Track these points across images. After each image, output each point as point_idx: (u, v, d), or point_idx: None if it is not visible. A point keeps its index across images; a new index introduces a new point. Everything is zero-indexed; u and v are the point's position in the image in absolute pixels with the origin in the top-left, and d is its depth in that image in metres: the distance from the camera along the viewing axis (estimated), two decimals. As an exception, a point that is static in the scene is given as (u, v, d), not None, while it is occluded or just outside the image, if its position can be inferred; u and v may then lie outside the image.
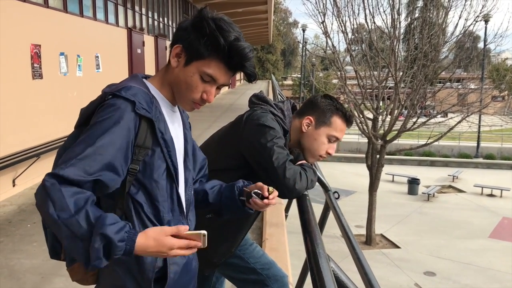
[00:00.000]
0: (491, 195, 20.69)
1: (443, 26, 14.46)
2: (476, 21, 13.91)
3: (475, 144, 28.46)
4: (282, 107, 2.14)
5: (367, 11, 14.10)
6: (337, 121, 2.09)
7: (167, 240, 1.22)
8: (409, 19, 17.32)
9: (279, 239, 4.24)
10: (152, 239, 1.21)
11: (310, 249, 1.36)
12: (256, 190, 1.56)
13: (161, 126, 1.36)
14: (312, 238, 1.45)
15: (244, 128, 2.02)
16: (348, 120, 2.12)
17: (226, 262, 2.22)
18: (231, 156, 2.05)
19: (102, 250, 1.16)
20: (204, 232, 1.25)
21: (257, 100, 2.15)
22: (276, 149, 1.93)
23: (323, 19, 14.40)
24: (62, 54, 7.30)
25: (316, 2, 14.40)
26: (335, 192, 3.10)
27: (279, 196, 2.13)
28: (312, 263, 1.26)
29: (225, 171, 1.96)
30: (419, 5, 17.73)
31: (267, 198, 1.54)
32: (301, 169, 2.01)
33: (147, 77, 1.47)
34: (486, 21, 23.20)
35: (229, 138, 2.10)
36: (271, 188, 1.56)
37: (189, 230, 1.26)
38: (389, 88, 15.62)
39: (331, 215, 3.05)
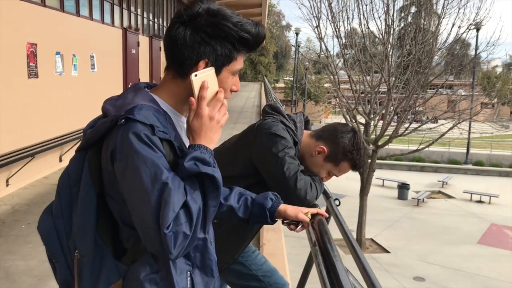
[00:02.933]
0: (480, 202, 20.88)
1: (437, 33, 14.56)
2: (470, 29, 14.05)
3: (465, 151, 28.64)
4: (295, 118, 2.16)
5: (362, 17, 14.19)
6: (345, 165, 2.15)
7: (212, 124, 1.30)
8: (402, 25, 17.39)
9: (276, 244, 4.25)
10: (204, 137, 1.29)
11: (328, 262, 1.36)
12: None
13: (179, 144, 1.29)
14: (329, 249, 1.45)
15: (255, 137, 2.03)
16: (354, 169, 2.20)
17: (229, 268, 2.23)
18: (241, 164, 2.06)
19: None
20: None
21: (270, 110, 2.17)
22: (287, 159, 1.95)
23: (317, 24, 14.46)
24: (58, 53, 7.24)
25: (310, 6, 14.47)
26: (336, 199, 3.10)
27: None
28: (333, 277, 1.26)
29: (235, 178, 1.95)
30: (412, 11, 17.77)
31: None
32: (311, 179, 2.03)
33: (148, 85, 1.37)
34: (478, 29, 23.40)
35: (239, 146, 2.12)
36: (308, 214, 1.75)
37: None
38: (382, 93, 15.69)
39: (331, 222, 3.06)
